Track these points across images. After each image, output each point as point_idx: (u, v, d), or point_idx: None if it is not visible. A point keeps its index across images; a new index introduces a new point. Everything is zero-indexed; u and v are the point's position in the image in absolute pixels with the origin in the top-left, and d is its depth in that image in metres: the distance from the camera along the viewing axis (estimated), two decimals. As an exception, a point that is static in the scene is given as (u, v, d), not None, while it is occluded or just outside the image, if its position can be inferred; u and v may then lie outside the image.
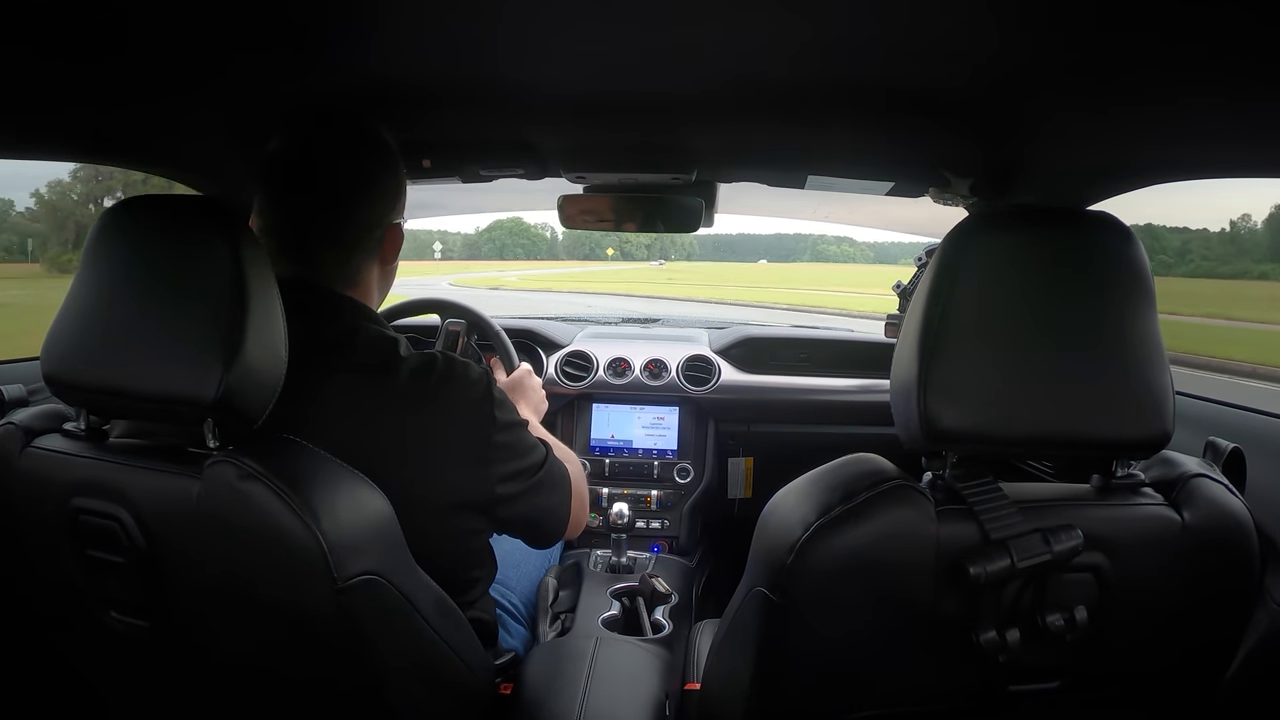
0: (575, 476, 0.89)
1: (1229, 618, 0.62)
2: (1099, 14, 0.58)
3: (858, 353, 1.66)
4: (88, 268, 0.63)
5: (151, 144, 1.04)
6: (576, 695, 0.86)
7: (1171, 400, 0.55)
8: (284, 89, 0.87)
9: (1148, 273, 0.56)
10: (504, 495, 0.76)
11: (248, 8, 0.63)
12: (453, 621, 0.73)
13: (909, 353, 0.57)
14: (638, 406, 1.64)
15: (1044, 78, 0.74)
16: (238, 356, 0.58)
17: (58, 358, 0.63)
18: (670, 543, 1.58)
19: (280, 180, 0.77)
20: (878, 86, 0.81)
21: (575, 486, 0.88)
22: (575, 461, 0.94)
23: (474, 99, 0.91)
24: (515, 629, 1.05)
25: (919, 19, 0.63)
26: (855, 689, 0.61)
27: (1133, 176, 0.96)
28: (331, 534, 0.58)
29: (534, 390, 1.16)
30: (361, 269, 0.79)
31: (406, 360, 0.73)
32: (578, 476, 0.90)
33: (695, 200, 1.24)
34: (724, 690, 0.67)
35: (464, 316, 1.36)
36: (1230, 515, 0.59)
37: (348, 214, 0.77)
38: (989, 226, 0.57)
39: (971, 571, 0.53)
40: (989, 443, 0.55)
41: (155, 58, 0.75)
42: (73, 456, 0.66)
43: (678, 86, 0.84)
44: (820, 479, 0.60)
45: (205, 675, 0.70)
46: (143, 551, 0.63)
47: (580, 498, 0.90)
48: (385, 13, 0.65)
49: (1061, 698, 0.61)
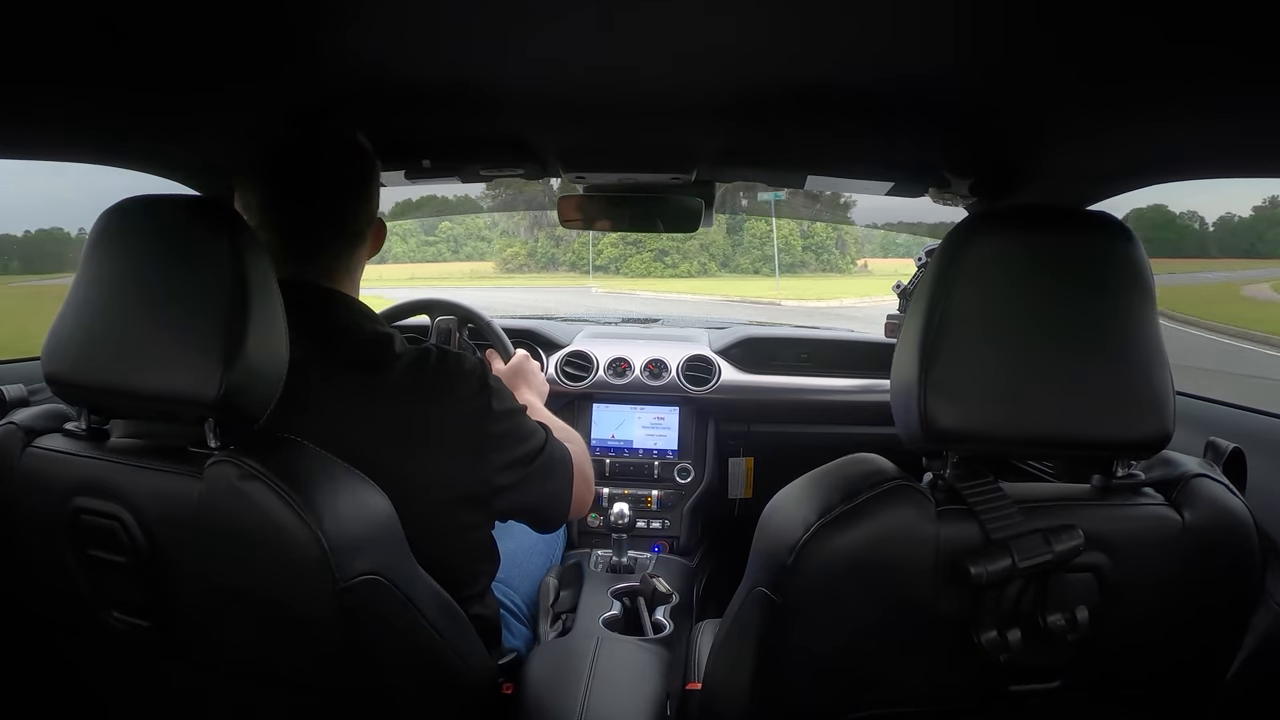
0: (578, 456, 0.89)
1: (1229, 618, 0.62)
2: (1099, 14, 0.58)
3: (858, 353, 1.66)
4: (89, 268, 0.63)
5: (152, 144, 1.04)
6: (578, 695, 0.86)
7: (1172, 400, 0.55)
8: (284, 89, 0.87)
9: (1148, 272, 0.56)
10: (504, 484, 0.77)
11: (248, 9, 0.63)
12: (454, 621, 0.73)
13: (909, 353, 0.57)
14: (638, 406, 1.64)
15: (1044, 78, 0.74)
16: (239, 356, 0.58)
17: (59, 357, 0.63)
18: (671, 543, 1.58)
19: (277, 183, 0.77)
20: (877, 87, 0.81)
21: (578, 467, 0.88)
22: (577, 441, 0.94)
23: (474, 99, 0.91)
24: (518, 629, 1.05)
25: (919, 21, 0.63)
26: (856, 689, 0.61)
27: (1133, 176, 0.96)
28: (332, 534, 0.58)
29: (534, 374, 1.16)
30: (353, 266, 0.81)
31: (401, 356, 0.74)
32: (580, 456, 0.90)
33: (695, 200, 1.24)
34: (725, 690, 0.67)
35: (453, 312, 1.37)
36: (1230, 515, 0.59)
37: (343, 214, 0.79)
38: (989, 227, 0.57)
39: (972, 571, 0.53)
40: (989, 442, 0.55)
41: (155, 58, 0.75)
42: (74, 456, 0.66)
43: (678, 86, 0.84)
44: (820, 479, 0.60)
45: (206, 675, 0.70)
46: (144, 551, 0.63)
47: (584, 477, 0.90)
48: (386, 13, 0.65)
49: (1062, 698, 0.61)
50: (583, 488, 0.90)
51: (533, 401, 1.05)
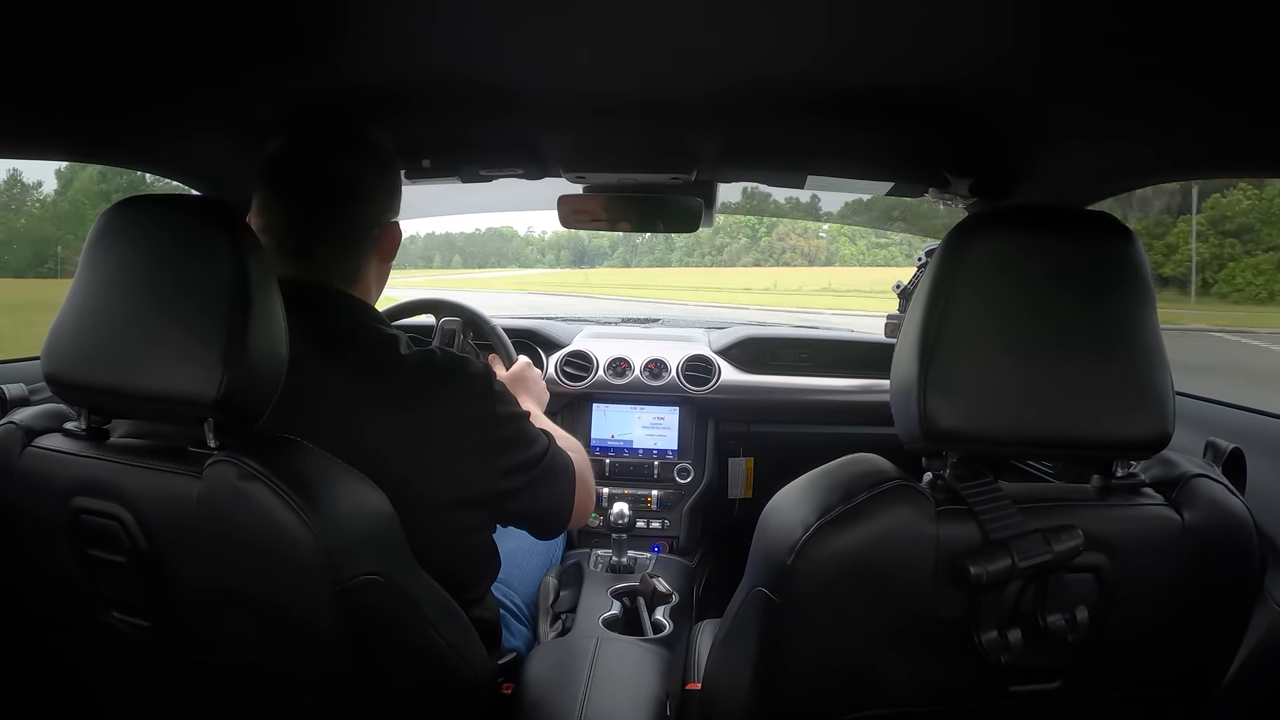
0: (579, 464, 0.89)
1: (1229, 618, 0.62)
2: (1099, 14, 0.58)
3: (858, 353, 1.66)
4: (89, 267, 0.63)
5: (152, 144, 1.04)
6: (577, 695, 0.86)
7: (1172, 400, 0.55)
8: (284, 89, 0.87)
9: (1148, 272, 0.56)
10: (507, 489, 0.76)
11: (248, 9, 0.63)
12: (455, 622, 0.73)
13: (909, 353, 0.57)
14: (638, 406, 1.64)
15: (1044, 78, 0.74)
16: (239, 356, 0.58)
17: (59, 357, 0.63)
18: (670, 543, 1.58)
19: (281, 181, 0.77)
20: (878, 86, 0.81)
21: (579, 474, 0.88)
22: (579, 449, 0.94)
23: (474, 99, 0.91)
24: (518, 629, 1.05)
25: (919, 20, 0.63)
26: (856, 689, 0.61)
27: (1133, 176, 0.96)
28: (332, 535, 0.58)
29: (535, 381, 1.16)
30: (361, 267, 0.80)
31: (407, 358, 0.73)
32: (582, 464, 0.90)
33: (695, 200, 1.24)
34: (725, 690, 0.67)
35: (458, 314, 1.37)
36: (1230, 515, 0.59)
37: (348, 214, 0.78)
38: (989, 227, 0.57)
39: (972, 571, 0.53)
40: (989, 443, 0.55)
41: (155, 58, 0.75)
42: (74, 456, 0.66)
43: (678, 86, 0.84)
44: (820, 479, 0.60)
45: (205, 676, 0.70)
46: (144, 551, 0.63)
47: (585, 485, 0.90)
48: (386, 13, 0.65)
49: (1062, 698, 0.61)
50: (584, 495, 0.90)
51: (533, 409, 1.05)
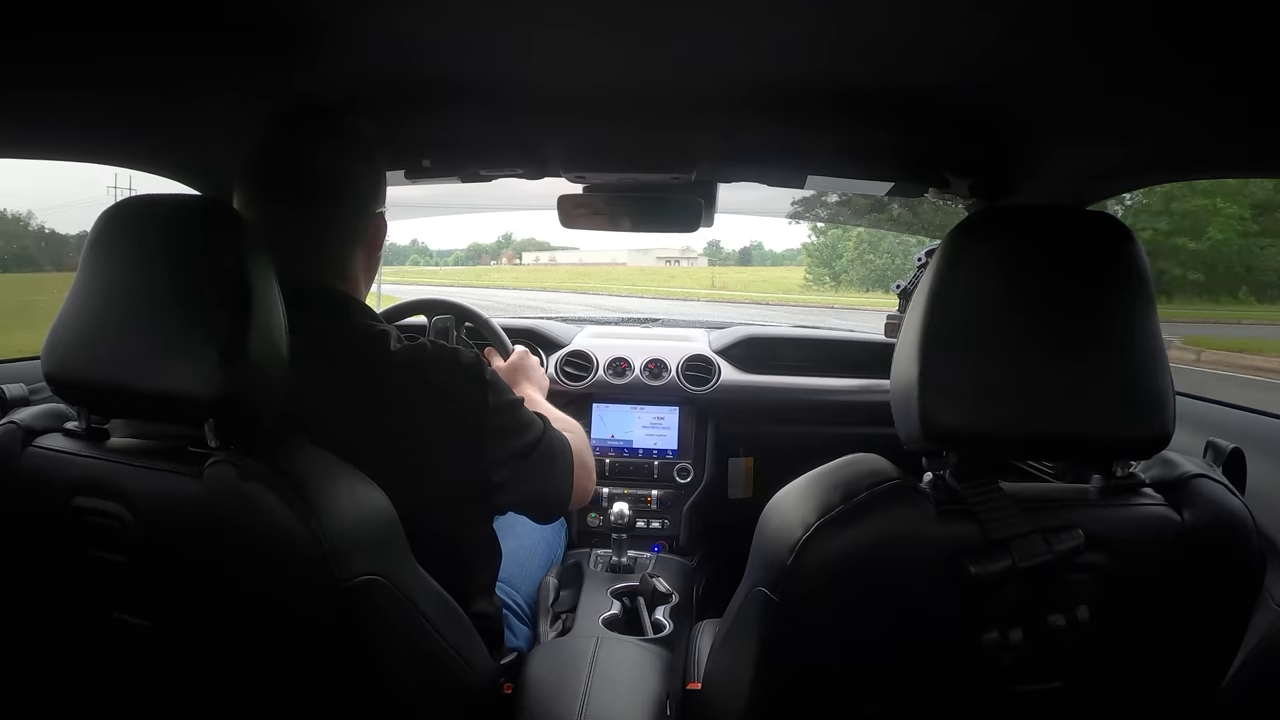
0: (577, 445, 0.88)
1: (1229, 618, 0.62)
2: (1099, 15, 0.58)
3: (858, 353, 1.66)
4: (88, 267, 0.63)
5: (151, 144, 1.04)
6: (577, 695, 0.86)
7: (1172, 400, 0.55)
8: (284, 89, 0.87)
9: (1148, 272, 0.56)
10: (502, 478, 0.76)
11: (248, 7, 0.63)
12: (455, 622, 0.73)
13: (909, 353, 0.57)
14: (638, 406, 1.63)
15: (1044, 78, 0.74)
16: (239, 355, 0.58)
17: (59, 357, 0.63)
18: (670, 543, 1.58)
19: (260, 177, 0.76)
20: (878, 86, 0.81)
21: (578, 456, 0.87)
22: (577, 429, 0.94)
23: (474, 99, 0.91)
24: (519, 628, 1.05)
25: (919, 19, 0.63)
26: (856, 688, 0.61)
27: (1133, 176, 0.96)
28: (332, 534, 0.58)
29: (534, 368, 1.15)
30: (349, 261, 0.79)
31: (398, 353, 0.73)
32: (580, 444, 0.90)
33: (695, 200, 1.24)
34: (725, 690, 0.67)
35: (449, 311, 1.37)
36: (1230, 515, 0.59)
37: (330, 207, 0.77)
38: (988, 226, 0.57)
39: (973, 571, 0.53)
40: (989, 442, 0.55)
41: (155, 58, 0.75)
42: (74, 456, 0.66)
43: (678, 86, 0.84)
44: (820, 479, 0.60)
45: (206, 675, 0.70)
46: (144, 551, 0.63)
47: (584, 466, 0.90)
48: (386, 13, 0.65)
49: (1063, 698, 0.61)
50: (583, 476, 0.89)
51: (533, 396, 1.05)
